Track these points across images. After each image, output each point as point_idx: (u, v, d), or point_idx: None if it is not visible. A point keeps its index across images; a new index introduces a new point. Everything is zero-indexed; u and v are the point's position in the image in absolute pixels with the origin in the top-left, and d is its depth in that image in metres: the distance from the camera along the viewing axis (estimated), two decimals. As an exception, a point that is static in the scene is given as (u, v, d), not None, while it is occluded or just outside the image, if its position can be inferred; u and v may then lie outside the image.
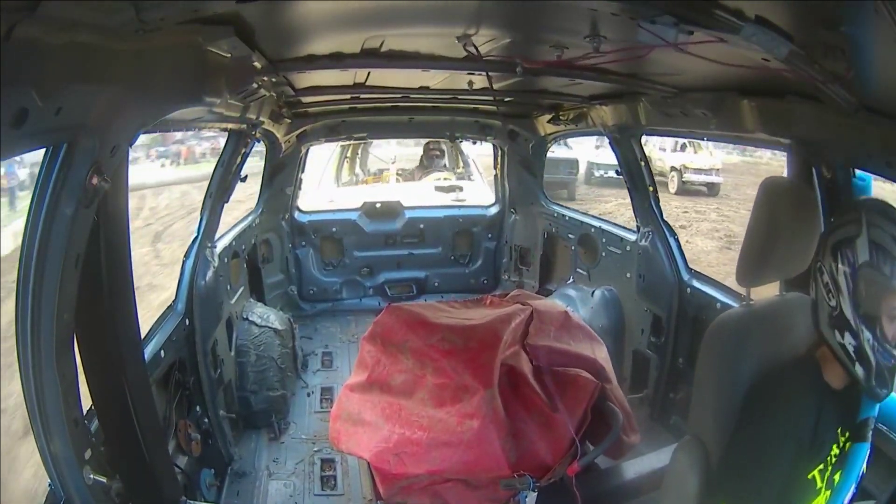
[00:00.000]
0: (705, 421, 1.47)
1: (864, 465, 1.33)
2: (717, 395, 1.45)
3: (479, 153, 7.37)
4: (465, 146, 6.93)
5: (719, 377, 1.47)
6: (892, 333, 1.26)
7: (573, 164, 12.80)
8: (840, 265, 1.30)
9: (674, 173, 13.45)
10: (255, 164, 3.67)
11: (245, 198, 4.59)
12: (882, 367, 1.26)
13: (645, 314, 3.44)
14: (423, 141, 6.97)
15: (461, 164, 7.14)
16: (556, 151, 8.86)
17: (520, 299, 2.80)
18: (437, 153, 6.94)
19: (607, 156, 11.06)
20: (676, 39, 1.40)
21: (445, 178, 6.42)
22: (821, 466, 1.30)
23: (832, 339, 1.30)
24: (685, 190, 13.21)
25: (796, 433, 1.29)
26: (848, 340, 1.29)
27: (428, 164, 6.89)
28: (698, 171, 13.32)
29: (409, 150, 8.61)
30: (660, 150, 13.45)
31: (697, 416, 1.53)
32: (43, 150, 1.26)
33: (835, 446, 1.32)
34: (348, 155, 7.51)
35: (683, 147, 13.47)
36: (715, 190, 13.42)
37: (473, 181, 6.55)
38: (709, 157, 13.48)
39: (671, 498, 1.51)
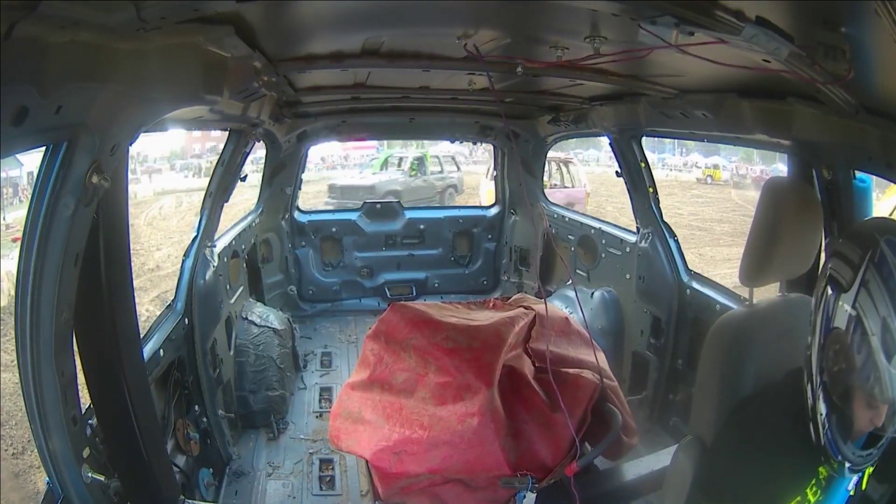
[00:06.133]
0: (707, 421, 1.47)
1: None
2: (720, 396, 1.45)
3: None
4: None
5: (722, 377, 1.47)
6: (856, 427, 1.11)
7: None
8: (821, 304, 1.14)
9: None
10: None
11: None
12: (827, 452, 1.15)
13: (644, 315, 3.44)
14: None
15: None
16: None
17: (522, 303, 2.80)
18: None
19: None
20: (677, 40, 1.40)
21: None
22: (822, 469, 1.29)
23: (804, 374, 1.19)
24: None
25: (799, 432, 1.28)
26: (808, 392, 1.17)
27: None
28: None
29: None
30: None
31: (699, 417, 1.53)
32: (43, 149, 1.26)
33: (823, 469, 1.28)
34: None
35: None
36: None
37: None
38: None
39: (672, 497, 1.50)
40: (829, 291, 1.12)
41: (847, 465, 1.16)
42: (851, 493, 1.25)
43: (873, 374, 1.06)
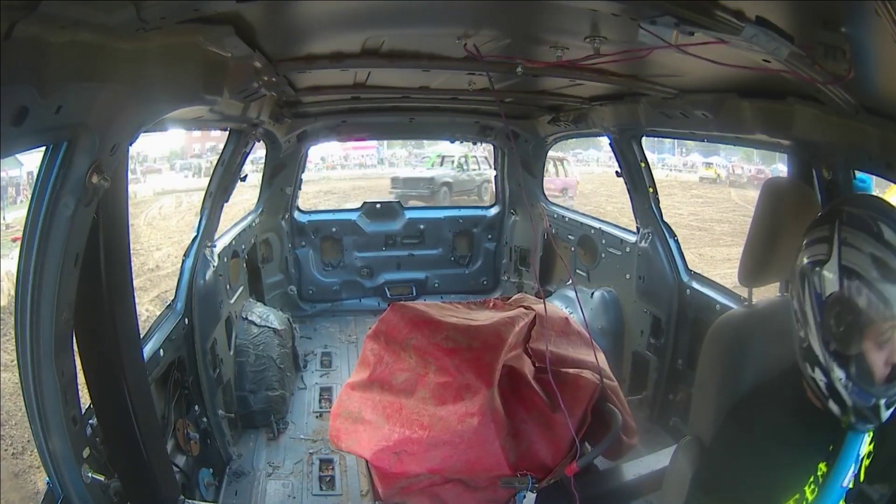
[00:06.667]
0: (705, 421, 1.47)
1: (860, 467, 1.30)
2: (718, 396, 1.45)
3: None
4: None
5: (720, 378, 1.47)
6: (878, 373, 1.12)
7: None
8: (806, 292, 1.18)
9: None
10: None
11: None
12: (860, 406, 1.15)
13: (644, 315, 3.44)
14: None
15: None
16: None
17: (522, 303, 2.80)
18: None
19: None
20: (677, 40, 1.40)
21: None
22: (822, 465, 1.29)
23: (805, 371, 1.21)
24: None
25: (797, 429, 1.28)
26: (819, 376, 1.18)
27: None
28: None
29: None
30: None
31: (697, 417, 1.53)
32: (43, 149, 1.26)
33: (822, 465, 1.28)
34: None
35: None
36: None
37: None
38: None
39: (671, 498, 1.50)
40: (813, 277, 1.16)
41: (883, 401, 1.15)
42: (850, 486, 1.25)
43: (883, 302, 1.09)
